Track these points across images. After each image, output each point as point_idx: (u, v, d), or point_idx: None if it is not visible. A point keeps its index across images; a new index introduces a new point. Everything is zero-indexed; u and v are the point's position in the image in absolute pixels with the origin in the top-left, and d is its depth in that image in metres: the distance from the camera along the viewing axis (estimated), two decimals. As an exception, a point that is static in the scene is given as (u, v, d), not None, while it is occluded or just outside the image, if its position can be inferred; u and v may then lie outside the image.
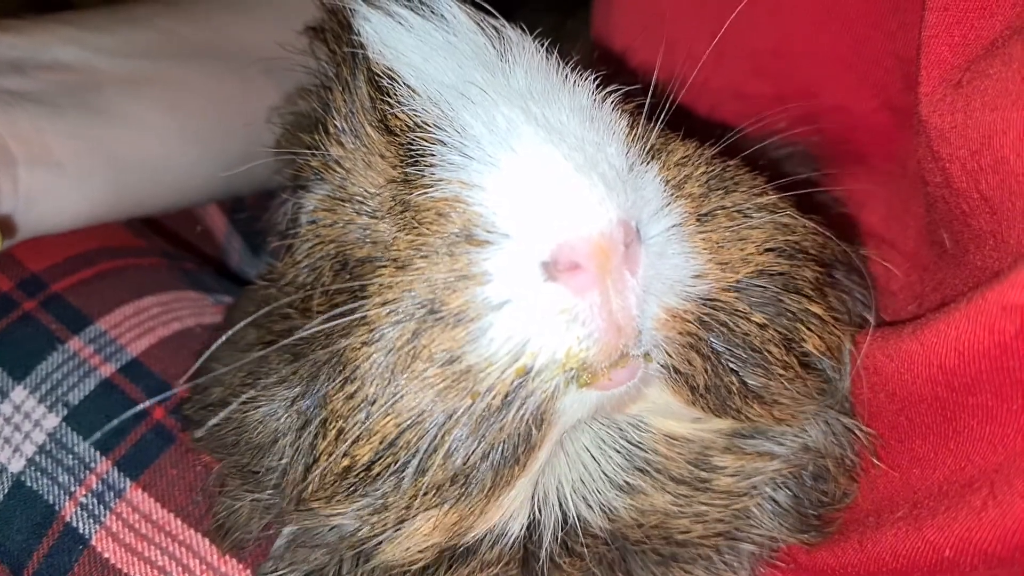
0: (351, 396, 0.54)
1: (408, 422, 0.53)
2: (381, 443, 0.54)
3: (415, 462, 0.54)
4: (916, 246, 0.74)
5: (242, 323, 0.63)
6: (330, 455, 0.56)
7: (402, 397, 0.53)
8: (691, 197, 0.57)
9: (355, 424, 0.54)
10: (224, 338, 0.63)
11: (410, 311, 0.53)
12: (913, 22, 0.69)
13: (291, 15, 0.75)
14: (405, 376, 0.53)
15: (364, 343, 0.54)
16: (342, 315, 0.56)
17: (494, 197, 0.52)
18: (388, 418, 0.53)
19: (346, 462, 0.55)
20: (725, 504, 0.63)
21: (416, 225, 0.54)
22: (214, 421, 0.60)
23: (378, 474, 0.55)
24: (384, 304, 0.53)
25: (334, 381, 0.55)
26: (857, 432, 0.66)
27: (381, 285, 0.54)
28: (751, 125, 0.69)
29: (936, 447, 0.60)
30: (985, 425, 0.56)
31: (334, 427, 0.55)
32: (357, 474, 0.56)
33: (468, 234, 0.52)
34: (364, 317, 0.54)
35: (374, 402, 0.53)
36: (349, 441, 0.54)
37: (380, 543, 0.60)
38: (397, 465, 0.54)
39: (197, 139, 0.97)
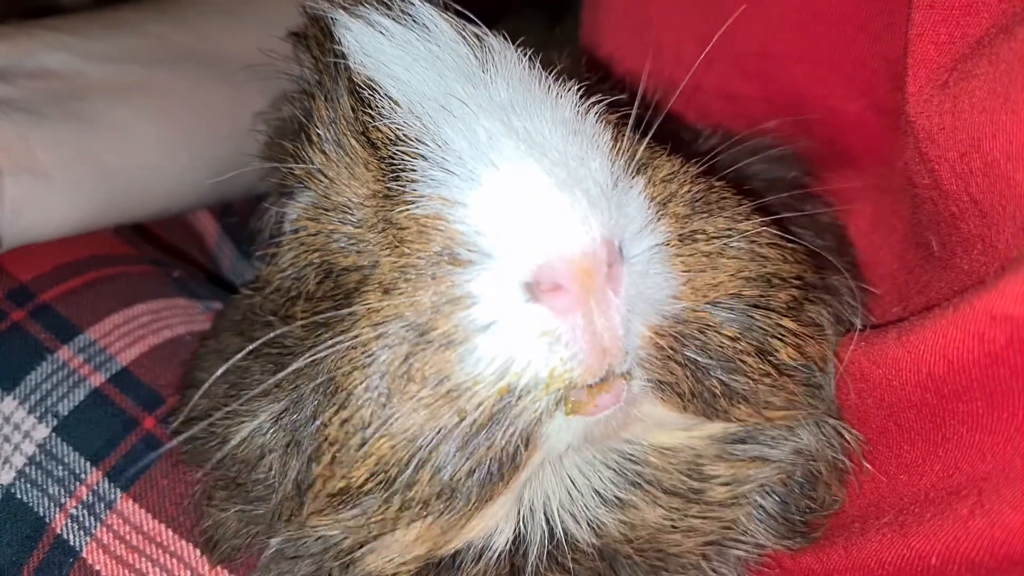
0: (346, 421, 0.54)
1: (402, 442, 0.53)
2: (377, 464, 0.54)
3: (404, 477, 0.54)
4: (903, 248, 0.74)
5: (224, 334, 0.63)
6: (326, 479, 0.56)
7: (396, 419, 0.53)
8: (675, 217, 0.56)
9: (351, 448, 0.54)
10: (207, 350, 0.63)
11: (400, 336, 0.52)
12: (899, 22, 0.69)
13: (281, 22, 0.74)
14: (398, 398, 0.52)
15: (355, 367, 0.54)
16: (329, 336, 0.56)
17: (475, 215, 0.52)
18: (383, 440, 0.53)
19: (343, 484, 0.55)
20: (718, 516, 0.63)
21: (399, 244, 0.54)
22: (191, 433, 0.59)
23: (369, 490, 0.55)
24: (374, 327, 0.53)
25: (328, 407, 0.55)
26: (846, 435, 0.66)
27: (370, 309, 0.54)
28: (738, 143, 0.69)
29: (925, 453, 0.60)
30: (975, 433, 0.56)
31: (329, 452, 0.55)
32: (351, 493, 0.56)
33: (451, 253, 0.52)
34: (354, 342, 0.54)
35: (369, 426, 0.53)
36: (346, 465, 0.55)
37: (364, 554, 0.60)
38: (387, 480, 0.55)
39: (186, 145, 0.97)
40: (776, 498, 0.65)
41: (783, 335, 0.59)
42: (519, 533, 0.60)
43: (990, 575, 0.52)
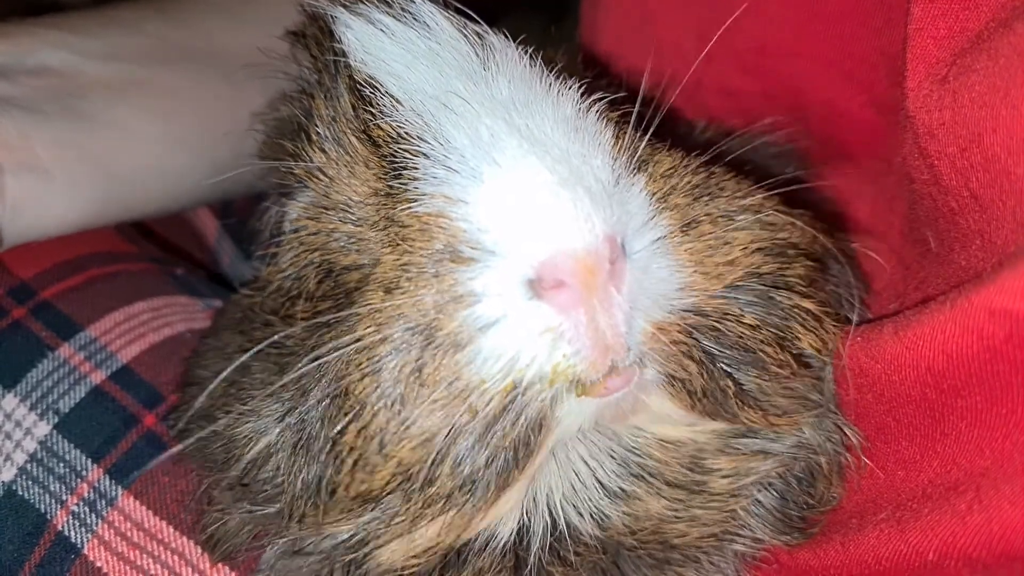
0: (363, 429, 0.54)
1: (420, 443, 0.53)
2: (398, 466, 0.54)
3: (423, 475, 0.54)
4: (900, 244, 0.74)
5: (225, 332, 0.63)
6: (348, 484, 0.56)
7: (414, 423, 0.53)
8: (677, 208, 0.56)
9: (371, 454, 0.54)
10: (208, 347, 0.63)
11: (407, 339, 0.53)
12: (899, 18, 0.69)
13: (281, 20, 0.74)
14: (413, 403, 0.53)
15: (365, 374, 0.54)
16: (329, 333, 0.56)
17: (478, 212, 0.52)
18: (403, 443, 0.54)
19: (365, 487, 0.56)
20: (720, 506, 0.63)
21: (400, 242, 0.54)
22: (199, 435, 0.59)
23: (391, 490, 0.56)
24: (378, 328, 0.53)
25: (342, 414, 0.55)
26: (846, 430, 0.66)
27: (371, 310, 0.54)
28: (739, 133, 0.69)
29: (923, 449, 0.60)
30: (973, 428, 0.56)
31: (351, 459, 0.55)
32: (374, 494, 0.56)
33: (453, 251, 0.52)
34: (358, 345, 0.54)
35: (386, 431, 0.54)
36: (367, 470, 0.55)
37: (376, 550, 0.60)
38: (407, 480, 0.55)
39: (186, 144, 0.97)
40: (774, 493, 0.65)
41: (804, 320, 0.59)
42: (523, 525, 0.61)
43: (988, 571, 0.52)
